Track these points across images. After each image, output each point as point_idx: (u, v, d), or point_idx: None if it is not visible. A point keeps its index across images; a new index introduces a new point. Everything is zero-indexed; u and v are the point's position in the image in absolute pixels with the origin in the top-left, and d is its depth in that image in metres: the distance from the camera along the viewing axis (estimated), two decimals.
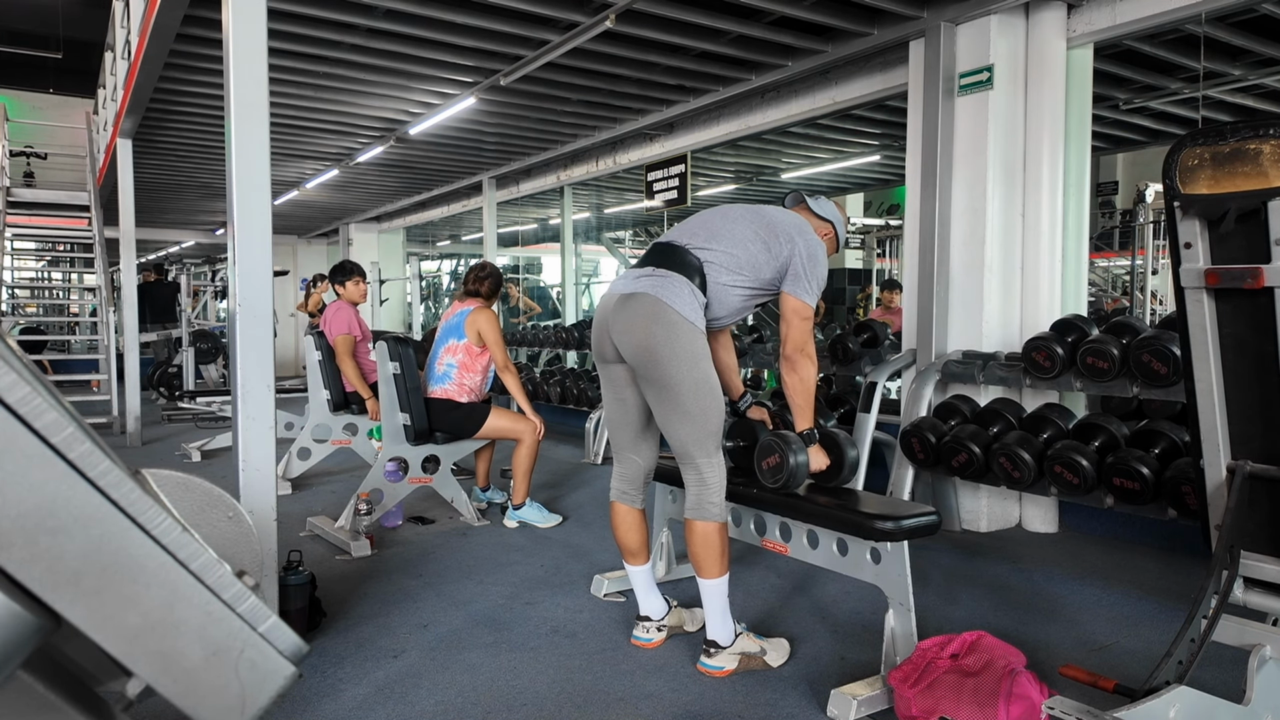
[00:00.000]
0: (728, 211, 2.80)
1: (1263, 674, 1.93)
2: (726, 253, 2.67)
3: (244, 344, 2.82)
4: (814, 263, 2.72)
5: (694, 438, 2.62)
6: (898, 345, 5.09)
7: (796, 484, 2.74)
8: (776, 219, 2.76)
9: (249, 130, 2.80)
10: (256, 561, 1.03)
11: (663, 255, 2.69)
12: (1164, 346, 3.30)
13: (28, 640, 0.62)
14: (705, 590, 2.70)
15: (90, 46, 14.47)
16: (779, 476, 2.74)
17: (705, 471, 2.65)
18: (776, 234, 2.71)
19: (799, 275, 2.70)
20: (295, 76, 5.82)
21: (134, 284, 8.16)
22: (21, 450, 0.62)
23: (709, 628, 2.71)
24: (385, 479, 4.31)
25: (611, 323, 2.67)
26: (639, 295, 2.60)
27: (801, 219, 2.83)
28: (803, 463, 2.71)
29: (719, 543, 2.65)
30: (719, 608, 2.69)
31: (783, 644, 2.81)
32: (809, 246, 2.72)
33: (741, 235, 2.70)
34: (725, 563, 2.68)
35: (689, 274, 2.62)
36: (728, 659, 2.67)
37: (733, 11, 4.73)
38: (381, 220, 14.00)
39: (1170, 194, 1.96)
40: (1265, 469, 2.01)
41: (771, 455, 2.76)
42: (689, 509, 2.68)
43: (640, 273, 2.68)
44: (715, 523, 2.65)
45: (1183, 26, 4.61)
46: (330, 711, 2.45)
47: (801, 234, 2.74)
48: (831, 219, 3.00)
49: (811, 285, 2.72)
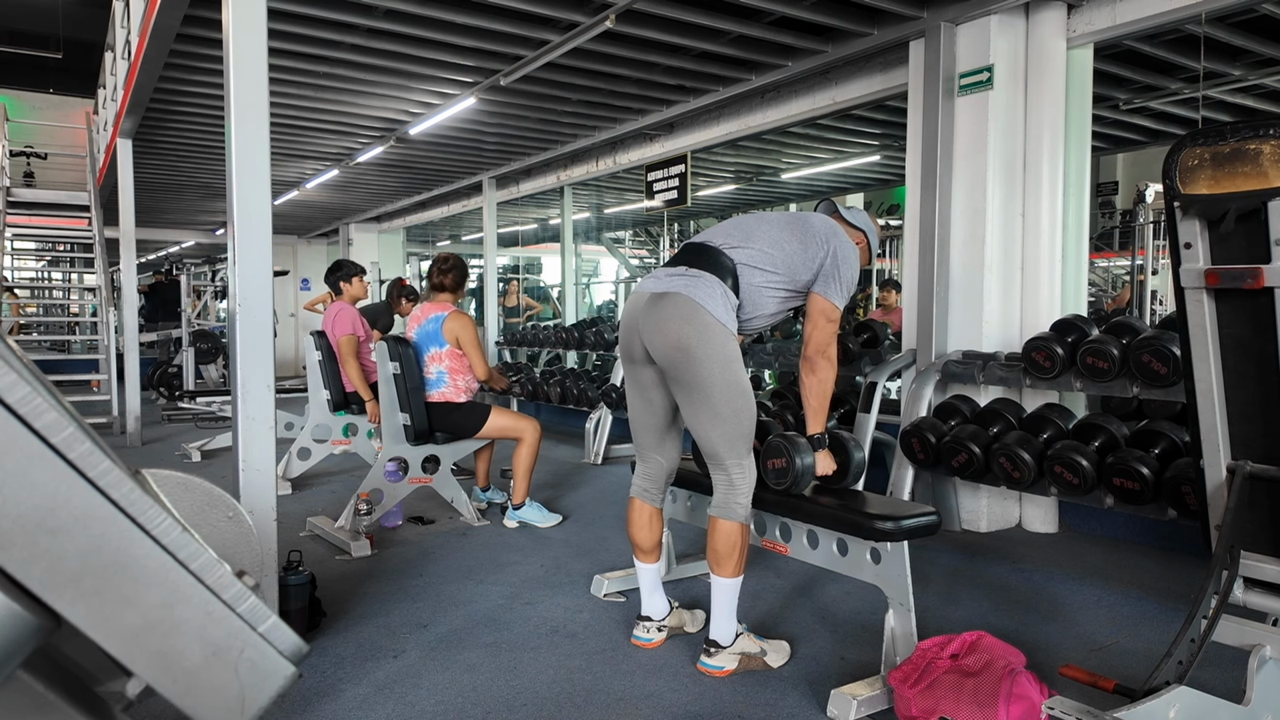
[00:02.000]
0: (763, 216, 2.81)
1: (1263, 674, 1.93)
2: (762, 252, 2.66)
3: (244, 344, 2.82)
4: (846, 265, 2.71)
5: (725, 440, 2.61)
6: (898, 345, 5.09)
7: (801, 487, 2.74)
8: (812, 221, 2.78)
9: (249, 130, 2.80)
10: (256, 561, 1.03)
11: (696, 255, 2.67)
12: (1164, 346, 3.30)
13: (28, 640, 0.62)
14: (717, 588, 2.69)
15: (90, 46, 14.47)
16: (784, 480, 2.74)
17: (734, 474, 2.65)
18: (813, 235, 2.71)
19: (830, 276, 2.69)
20: (295, 76, 5.82)
21: (134, 284, 8.16)
22: (21, 450, 0.62)
23: (712, 626, 2.71)
24: (385, 479, 4.31)
25: (641, 322, 2.64)
26: (671, 295, 2.57)
27: (835, 224, 2.84)
28: (809, 465, 2.71)
29: (740, 543, 2.66)
30: (727, 607, 2.69)
31: (783, 645, 2.81)
32: (842, 249, 2.72)
33: (777, 237, 2.69)
34: (742, 564, 2.68)
35: (722, 275, 2.61)
36: (728, 659, 2.67)
37: (733, 11, 4.72)
38: (381, 220, 14.00)
39: (1170, 194, 1.96)
40: (1265, 469, 2.01)
41: (779, 457, 2.76)
42: (715, 506, 2.68)
43: (673, 271, 2.66)
44: (740, 523, 2.65)
45: (1183, 27, 4.60)
46: (330, 711, 2.45)
47: (836, 236, 2.74)
48: (864, 228, 3.00)
49: (842, 288, 2.71)
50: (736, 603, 2.71)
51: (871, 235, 3.02)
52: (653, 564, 2.94)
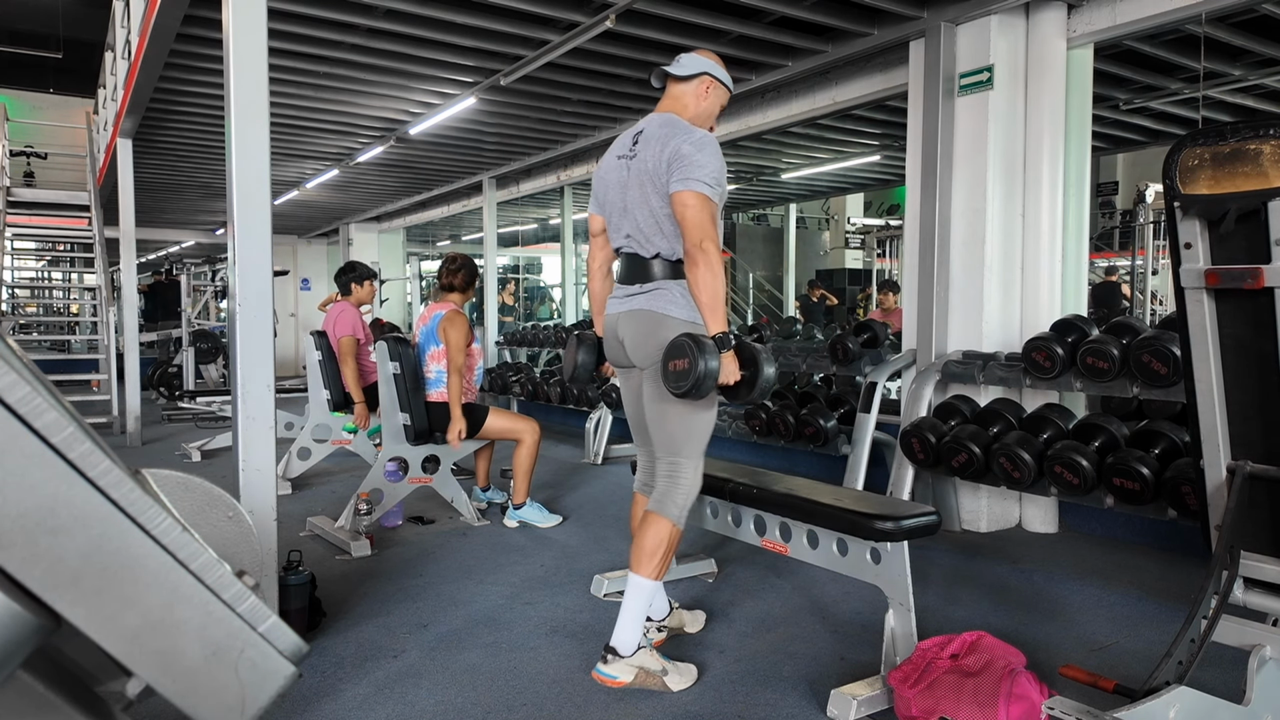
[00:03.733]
0: (625, 184, 2.63)
1: (1263, 674, 1.93)
2: (652, 225, 2.58)
3: (244, 344, 2.82)
4: (696, 148, 2.48)
5: (685, 434, 2.63)
6: (897, 345, 5.09)
7: (702, 393, 2.44)
8: (644, 157, 2.57)
9: (249, 130, 2.80)
10: (256, 561, 1.03)
11: (636, 271, 2.67)
12: (1164, 346, 3.30)
13: (28, 640, 0.62)
14: (633, 587, 2.61)
15: (90, 46, 14.49)
16: (683, 383, 2.43)
17: (683, 469, 2.64)
18: (653, 165, 2.53)
19: (674, 170, 2.48)
20: (295, 76, 5.83)
21: (134, 284, 8.16)
22: (21, 450, 0.62)
23: (617, 629, 2.61)
24: (385, 479, 4.31)
25: (622, 335, 2.71)
26: (638, 312, 2.65)
27: (666, 118, 2.63)
28: (713, 370, 2.41)
29: (668, 546, 2.61)
30: (636, 611, 2.61)
31: (690, 669, 2.66)
32: (678, 142, 2.50)
33: (641, 199, 2.58)
34: (664, 569, 2.62)
35: (666, 276, 2.61)
36: (624, 669, 2.58)
37: (733, 11, 4.73)
38: (381, 220, 14.00)
39: (1170, 194, 1.96)
40: (1265, 469, 2.01)
41: (681, 358, 2.44)
42: (653, 502, 2.67)
43: (630, 290, 2.69)
44: (672, 524, 2.62)
45: (1183, 27, 4.60)
46: (330, 711, 2.45)
47: (669, 138, 2.52)
48: (700, 70, 2.68)
49: (689, 169, 2.46)
50: (647, 611, 2.65)
51: (713, 70, 2.71)
52: None
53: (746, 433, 5.33)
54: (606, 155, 2.78)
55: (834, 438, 4.88)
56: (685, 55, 2.74)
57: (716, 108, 2.76)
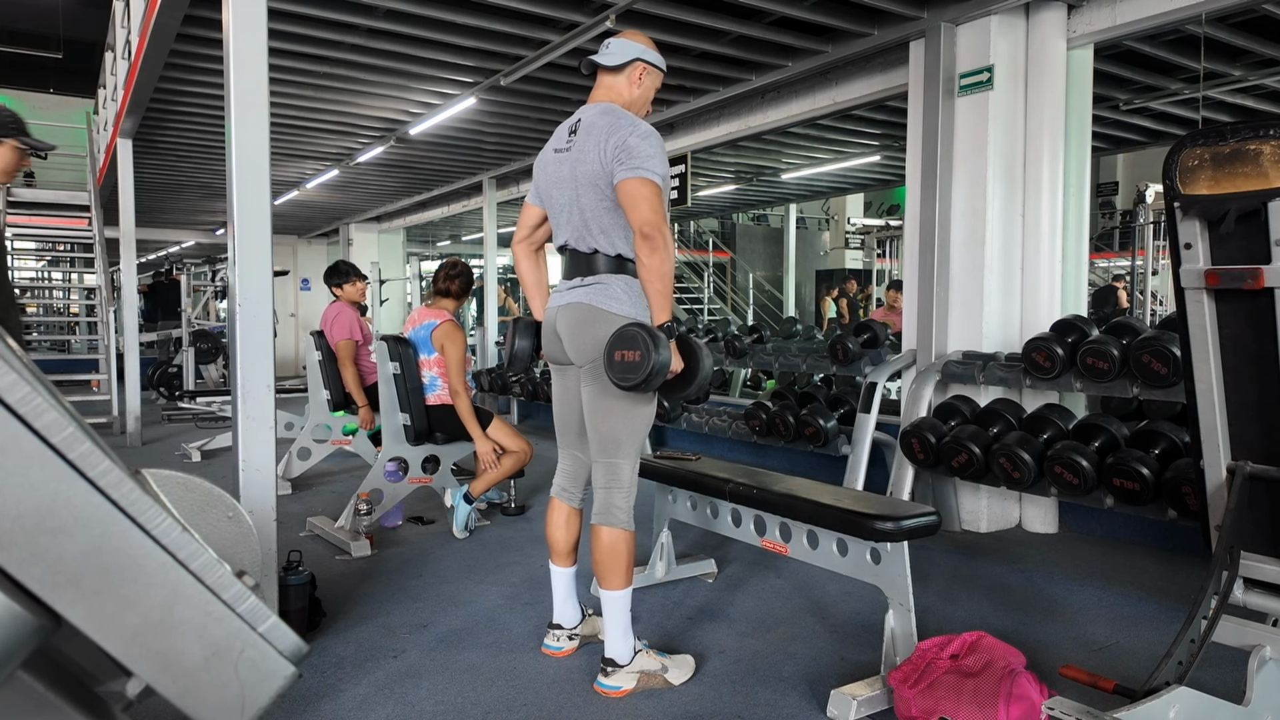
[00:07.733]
0: (575, 179, 2.54)
1: (1263, 674, 1.93)
2: (597, 221, 2.52)
3: (244, 344, 2.81)
4: (642, 140, 2.42)
5: (627, 431, 2.56)
6: (898, 345, 5.09)
7: (651, 386, 2.36)
8: (584, 149, 2.50)
9: (249, 130, 2.80)
10: (256, 561, 1.03)
11: (577, 266, 2.60)
12: (1164, 347, 3.30)
13: (28, 640, 0.62)
14: (607, 602, 2.58)
15: (90, 46, 14.49)
16: (632, 375, 2.32)
17: (622, 471, 2.57)
18: (594, 165, 2.47)
19: (617, 163, 2.42)
20: (295, 76, 5.82)
21: (134, 284, 8.16)
22: (21, 450, 0.62)
23: (607, 644, 2.58)
24: (385, 479, 4.31)
25: (560, 329, 2.63)
26: (575, 305, 2.57)
27: (605, 107, 2.55)
28: (665, 362, 2.31)
29: (625, 551, 2.56)
30: (620, 623, 2.57)
31: (687, 660, 2.68)
32: (623, 134, 2.44)
33: (575, 200, 2.54)
34: (630, 574, 2.58)
35: (609, 270, 2.54)
36: (626, 678, 2.56)
37: (733, 12, 4.73)
38: (381, 220, 13.99)
39: (1170, 194, 1.96)
40: (1265, 469, 2.01)
41: (632, 348, 2.33)
42: (596, 514, 2.59)
43: (570, 284, 2.61)
44: (623, 530, 2.57)
45: (1183, 27, 4.60)
46: (330, 711, 2.45)
47: (613, 130, 2.46)
48: (631, 58, 2.60)
49: (643, 161, 2.39)
50: (630, 616, 2.59)
51: (644, 54, 2.61)
52: (567, 568, 2.83)
53: (746, 433, 5.32)
54: (545, 149, 2.70)
55: (834, 438, 4.88)
56: (614, 41, 2.63)
57: (651, 92, 2.68)
